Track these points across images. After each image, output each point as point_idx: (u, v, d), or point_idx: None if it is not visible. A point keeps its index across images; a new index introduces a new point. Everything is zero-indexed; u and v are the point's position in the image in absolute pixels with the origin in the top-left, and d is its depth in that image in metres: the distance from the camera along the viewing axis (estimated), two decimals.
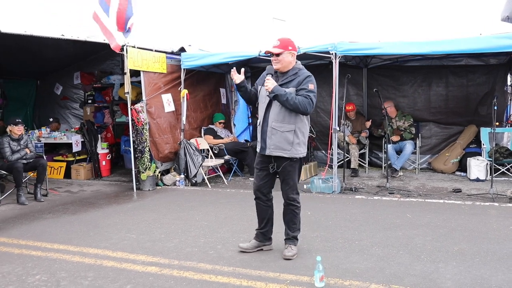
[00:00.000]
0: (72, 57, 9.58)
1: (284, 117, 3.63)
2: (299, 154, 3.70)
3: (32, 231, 4.90)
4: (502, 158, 7.10)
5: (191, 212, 5.57)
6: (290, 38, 3.73)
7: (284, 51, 3.62)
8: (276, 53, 3.64)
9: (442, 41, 6.08)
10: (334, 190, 6.50)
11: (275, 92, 3.55)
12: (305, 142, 3.77)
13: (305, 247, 4.08)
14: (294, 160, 3.70)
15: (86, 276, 3.55)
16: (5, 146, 6.40)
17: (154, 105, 7.34)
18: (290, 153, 3.64)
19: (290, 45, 3.66)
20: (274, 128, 3.65)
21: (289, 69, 3.70)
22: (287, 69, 3.70)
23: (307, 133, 3.80)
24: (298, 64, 3.76)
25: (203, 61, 7.59)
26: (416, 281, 3.27)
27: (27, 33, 5.86)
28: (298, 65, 3.74)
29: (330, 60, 6.47)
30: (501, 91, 8.14)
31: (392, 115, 8.13)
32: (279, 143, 3.63)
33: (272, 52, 3.66)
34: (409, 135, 7.99)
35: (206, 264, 3.73)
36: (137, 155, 7.09)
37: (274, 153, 3.67)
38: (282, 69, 3.69)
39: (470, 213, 5.20)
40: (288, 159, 3.67)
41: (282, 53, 3.63)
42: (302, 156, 3.75)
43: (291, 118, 3.63)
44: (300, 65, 3.75)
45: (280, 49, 3.62)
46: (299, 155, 3.71)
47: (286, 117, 3.63)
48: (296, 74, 3.66)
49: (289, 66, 3.69)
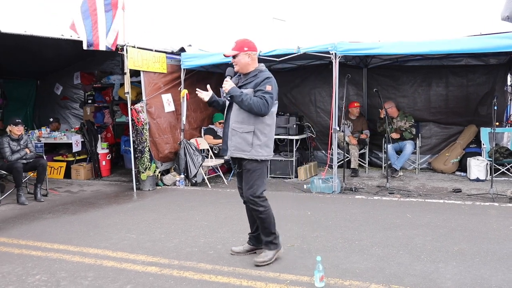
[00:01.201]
0: (72, 57, 9.58)
1: (243, 118, 3.58)
2: (260, 156, 3.58)
3: (32, 231, 4.90)
4: (502, 158, 7.10)
5: (191, 212, 5.57)
6: (247, 39, 3.69)
7: (240, 53, 3.61)
8: (231, 55, 3.64)
9: (442, 41, 6.08)
10: (334, 190, 6.50)
11: (231, 93, 3.55)
12: (269, 144, 3.64)
13: (305, 247, 4.08)
14: (254, 161, 3.60)
15: (86, 276, 3.55)
16: (5, 146, 6.40)
17: (154, 105, 7.34)
18: (250, 154, 3.57)
19: (246, 45, 3.63)
20: (234, 129, 3.61)
21: (250, 71, 3.67)
22: (246, 70, 3.66)
23: (272, 134, 3.67)
24: (261, 66, 3.71)
25: (203, 61, 7.59)
26: (416, 281, 3.27)
27: (27, 33, 5.86)
28: (260, 67, 3.70)
29: (330, 60, 6.47)
30: (501, 91, 8.14)
31: (394, 115, 8.13)
32: (238, 144, 3.58)
33: (227, 55, 3.68)
34: (409, 135, 7.99)
35: (206, 264, 3.73)
36: (137, 155, 7.09)
37: (235, 154, 3.61)
38: (242, 71, 3.68)
39: (470, 213, 5.20)
40: (248, 159, 3.60)
41: (238, 54, 3.61)
42: (264, 159, 3.62)
43: (250, 119, 3.56)
44: (263, 67, 3.70)
45: (235, 51, 3.63)
46: (260, 157, 3.58)
47: (245, 118, 3.57)
48: (256, 76, 3.62)
49: (248, 67, 3.65)
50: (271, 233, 3.70)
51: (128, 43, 6.77)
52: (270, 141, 3.67)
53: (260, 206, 3.61)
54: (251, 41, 3.70)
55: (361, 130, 8.51)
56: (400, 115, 8.14)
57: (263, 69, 3.69)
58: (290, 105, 9.32)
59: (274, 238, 3.71)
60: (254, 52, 3.68)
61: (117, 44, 6.62)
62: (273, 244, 3.72)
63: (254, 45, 3.69)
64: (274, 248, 3.73)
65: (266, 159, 3.64)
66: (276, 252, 3.73)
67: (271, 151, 3.70)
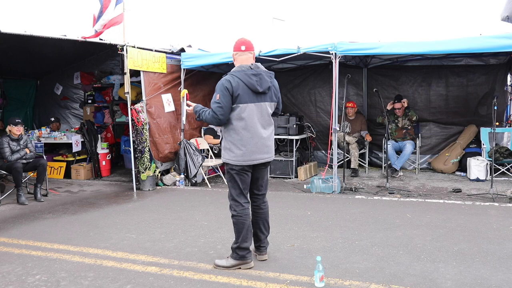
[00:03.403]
0: (72, 57, 9.58)
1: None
2: (225, 159, 3.57)
3: (32, 231, 4.90)
4: (502, 158, 7.09)
5: (191, 212, 5.57)
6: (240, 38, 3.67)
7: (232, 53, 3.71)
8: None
9: (442, 41, 6.08)
10: (334, 190, 6.50)
11: (195, 111, 3.71)
12: (233, 150, 3.50)
13: (305, 247, 4.08)
14: (226, 164, 3.61)
15: (86, 276, 3.55)
16: (4, 146, 6.40)
17: (154, 105, 7.34)
18: (223, 157, 3.66)
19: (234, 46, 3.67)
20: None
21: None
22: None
23: (237, 141, 3.48)
24: (235, 67, 3.59)
25: (203, 61, 7.59)
26: (416, 281, 3.27)
27: (27, 33, 5.86)
28: (232, 70, 3.59)
29: (330, 60, 6.47)
30: (501, 91, 8.14)
31: (400, 114, 8.09)
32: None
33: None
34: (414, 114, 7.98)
35: (206, 264, 3.73)
36: (137, 155, 7.09)
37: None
38: None
39: (470, 213, 5.20)
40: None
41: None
42: (231, 164, 3.52)
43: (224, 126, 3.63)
44: (234, 69, 3.57)
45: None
46: (226, 161, 3.57)
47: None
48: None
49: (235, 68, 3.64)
50: (237, 241, 3.58)
51: (128, 43, 6.77)
52: (235, 146, 3.49)
53: (231, 210, 3.61)
54: (237, 40, 3.65)
55: (360, 130, 8.50)
56: (403, 114, 8.10)
57: (228, 72, 3.58)
58: (290, 105, 9.32)
59: (237, 247, 3.58)
60: (235, 52, 3.63)
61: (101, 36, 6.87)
62: (235, 253, 3.60)
63: (236, 44, 3.61)
64: (236, 258, 3.59)
65: (229, 162, 3.54)
66: (238, 264, 3.58)
67: (238, 156, 3.48)
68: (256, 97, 3.49)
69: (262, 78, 3.50)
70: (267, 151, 3.59)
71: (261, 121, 3.54)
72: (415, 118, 8.00)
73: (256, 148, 3.50)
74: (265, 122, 3.57)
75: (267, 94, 3.55)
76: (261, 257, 3.76)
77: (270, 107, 3.61)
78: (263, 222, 3.74)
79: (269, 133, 3.62)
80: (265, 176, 3.73)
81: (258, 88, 3.47)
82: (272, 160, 3.73)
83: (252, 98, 3.47)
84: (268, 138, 3.60)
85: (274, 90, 3.63)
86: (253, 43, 3.65)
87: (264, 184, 3.75)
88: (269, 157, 3.63)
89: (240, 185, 3.56)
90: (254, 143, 3.49)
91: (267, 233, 3.78)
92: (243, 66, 3.52)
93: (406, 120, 8.05)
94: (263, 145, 3.55)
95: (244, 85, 3.44)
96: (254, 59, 3.65)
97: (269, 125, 3.62)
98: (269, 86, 3.55)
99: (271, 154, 3.65)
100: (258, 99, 3.51)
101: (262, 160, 3.56)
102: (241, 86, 3.43)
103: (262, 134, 3.53)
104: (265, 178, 3.74)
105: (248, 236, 3.59)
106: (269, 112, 3.61)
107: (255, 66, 3.53)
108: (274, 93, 3.63)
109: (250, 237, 3.62)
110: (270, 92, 3.59)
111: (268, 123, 3.61)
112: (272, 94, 3.60)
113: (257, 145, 3.51)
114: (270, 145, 3.63)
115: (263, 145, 3.55)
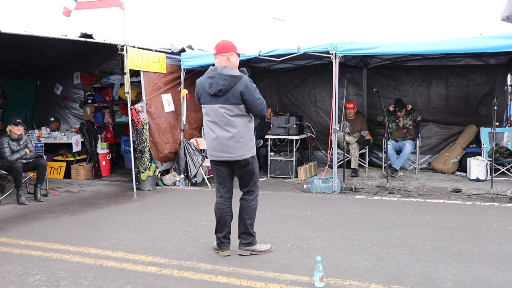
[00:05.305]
0: (72, 57, 9.58)
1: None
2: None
3: (32, 231, 4.90)
4: (502, 158, 7.10)
5: (191, 212, 5.57)
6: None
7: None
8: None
9: (442, 41, 6.08)
10: (334, 190, 6.50)
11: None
12: (207, 146, 3.88)
13: (305, 247, 4.08)
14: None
15: (86, 276, 3.55)
16: (4, 146, 6.40)
17: (154, 105, 7.34)
18: None
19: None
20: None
21: None
22: None
23: (207, 140, 3.84)
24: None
25: (203, 61, 7.58)
26: (416, 281, 3.27)
27: (27, 33, 5.86)
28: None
29: (330, 60, 6.47)
30: (501, 91, 8.14)
31: (401, 115, 8.09)
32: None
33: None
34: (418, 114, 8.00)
35: (206, 264, 3.73)
36: (137, 155, 7.09)
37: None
38: None
39: (470, 213, 5.20)
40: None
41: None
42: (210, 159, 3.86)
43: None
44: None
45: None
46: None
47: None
48: None
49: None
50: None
51: (128, 43, 6.77)
52: (208, 144, 3.83)
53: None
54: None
55: (360, 130, 8.50)
56: (406, 113, 8.10)
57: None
58: (290, 105, 9.31)
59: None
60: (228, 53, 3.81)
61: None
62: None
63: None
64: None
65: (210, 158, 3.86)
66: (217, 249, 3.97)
67: (207, 152, 3.90)
68: (211, 99, 3.68)
69: (215, 81, 3.62)
70: (226, 151, 3.67)
71: (218, 121, 3.66)
72: (420, 118, 8.01)
73: (214, 145, 3.73)
74: (223, 123, 3.65)
75: (221, 96, 3.62)
76: (222, 253, 3.90)
77: (227, 109, 3.62)
78: (239, 216, 3.88)
79: (229, 134, 3.64)
80: (243, 175, 3.81)
81: (209, 91, 3.65)
82: (242, 160, 3.69)
83: (208, 99, 3.70)
84: (227, 138, 3.64)
85: (234, 92, 3.59)
86: (229, 44, 3.74)
87: (244, 182, 3.84)
88: (230, 157, 3.68)
89: (216, 179, 3.88)
90: (210, 141, 3.77)
91: (240, 230, 3.88)
92: (210, 68, 3.72)
93: (409, 120, 8.05)
94: (220, 144, 3.68)
95: (202, 87, 3.73)
96: (228, 60, 3.70)
97: (230, 126, 3.64)
98: (221, 89, 3.58)
99: (234, 154, 3.67)
100: (212, 101, 3.67)
101: (222, 158, 3.72)
102: (201, 88, 3.76)
103: (217, 134, 3.68)
104: (244, 177, 3.82)
105: (218, 228, 3.90)
106: (227, 113, 3.63)
107: (214, 69, 3.67)
108: (234, 95, 3.60)
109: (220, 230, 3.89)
110: (227, 95, 3.60)
111: (228, 124, 3.64)
112: (230, 97, 3.60)
113: (214, 144, 3.73)
114: (231, 145, 3.65)
115: (220, 144, 3.68)
